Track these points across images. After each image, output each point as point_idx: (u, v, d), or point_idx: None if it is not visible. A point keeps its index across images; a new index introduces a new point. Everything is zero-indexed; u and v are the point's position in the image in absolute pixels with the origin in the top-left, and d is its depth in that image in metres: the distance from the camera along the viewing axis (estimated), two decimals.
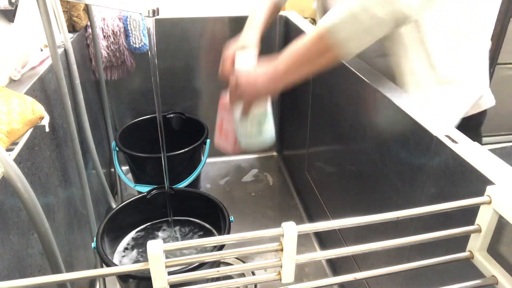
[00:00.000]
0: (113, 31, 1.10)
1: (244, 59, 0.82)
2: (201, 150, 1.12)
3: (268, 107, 0.81)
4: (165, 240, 0.85)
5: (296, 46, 0.68)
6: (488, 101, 0.82)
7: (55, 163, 0.73)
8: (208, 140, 1.11)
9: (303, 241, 1.05)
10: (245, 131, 0.82)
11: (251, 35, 0.85)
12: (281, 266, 0.31)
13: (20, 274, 0.55)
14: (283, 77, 0.70)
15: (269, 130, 0.83)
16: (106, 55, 1.12)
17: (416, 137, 0.53)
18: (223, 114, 0.90)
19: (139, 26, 1.12)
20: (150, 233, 0.87)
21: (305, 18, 1.15)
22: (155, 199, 0.86)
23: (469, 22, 0.75)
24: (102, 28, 1.09)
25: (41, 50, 0.81)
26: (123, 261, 0.80)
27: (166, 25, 1.17)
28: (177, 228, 0.88)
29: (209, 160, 1.33)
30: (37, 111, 0.53)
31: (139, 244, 0.84)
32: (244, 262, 0.94)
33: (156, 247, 0.28)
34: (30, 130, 0.53)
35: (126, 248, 0.83)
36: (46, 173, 0.68)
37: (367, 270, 0.33)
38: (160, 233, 0.87)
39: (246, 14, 1.17)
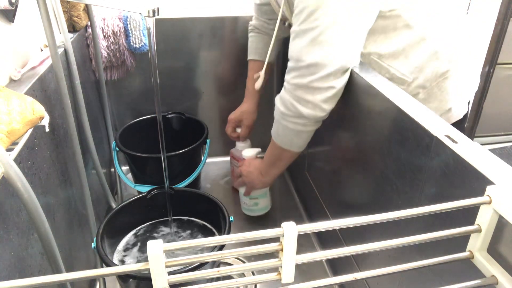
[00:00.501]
0: (113, 31, 1.10)
1: (248, 151, 1.10)
2: (201, 150, 1.12)
3: (265, 188, 1.06)
4: (165, 240, 0.85)
5: (268, 149, 0.87)
6: (456, 114, 0.81)
7: (55, 163, 0.73)
8: (208, 140, 1.11)
9: (303, 241, 1.05)
10: (245, 204, 1.09)
11: (249, 105, 1.11)
12: (281, 266, 0.31)
13: (20, 274, 0.55)
14: (267, 173, 0.92)
15: (264, 206, 1.10)
16: (106, 55, 1.12)
17: (416, 137, 0.53)
18: (233, 163, 1.19)
19: (139, 26, 1.12)
20: (150, 233, 0.87)
21: None
22: (155, 199, 0.86)
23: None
24: (102, 28, 1.09)
25: (41, 50, 0.81)
26: (124, 261, 0.80)
27: (166, 25, 1.17)
28: (177, 228, 0.88)
29: (209, 160, 1.33)
30: (37, 111, 0.53)
31: (139, 244, 0.84)
32: (244, 262, 0.94)
33: (156, 247, 0.28)
34: (30, 130, 0.53)
35: (126, 248, 0.83)
36: (46, 173, 0.68)
37: (367, 270, 0.33)
38: (160, 233, 0.87)
39: (246, 14, 1.18)
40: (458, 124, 0.82)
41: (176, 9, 1.20)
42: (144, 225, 0.88)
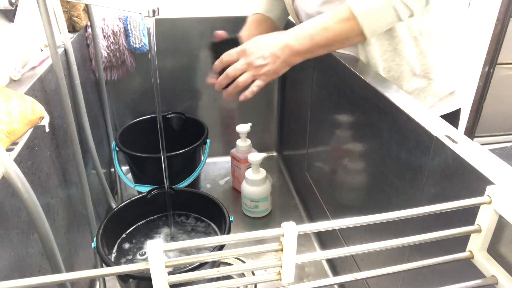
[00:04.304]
0: (113, 31, 1.10)
1: (255, 155, 1.06)
2: (201, 150, 1.12)
3: (267, 191, 1.08)
4: (165, 240, 0.85)
5: (328, 27, 0.66)
6: (459, 100, 0.84)
7: (55, 163, 0.73)
8: (208, 140, 1.11)
9: (303, 241, 1.05)
10: (246, 205, 1.11)
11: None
12: (281, 266, 0.31)
13: (20, 274, 0.55)
14: (307, 53, 0.68)
15: (264, 208, 1.11)
16: (106, 55, 1.12)
17: (416, 137, 0.53)
18: (233, 163, 1.19)
19: (139, 26, 1.12)
20: (150, 233, 0.87)
21: None
22: (155, 199, 0.86)
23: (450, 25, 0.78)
24: (102, 28, 1.09)
25: (41, 50, 0.81)
26: (123, 261, 0.80)
27: (166, 25, 1.17)
28: (177, 228, 0.88)
29: (209, 160, 1.32)
30: (37, 111, 0.53)
31: (139, 244, 0.84)
32: (244, 262, 0.94)
33: (156, 247, 0.28)
34: (30, 130, 0.53)
35: (126, 248, 0.83)
36: (46, 173, 0.68)
37: (367, 270, 0.33)
38: (160, 233, 0.87)
39: (246, 14, 1.17)
40: (453, 118, 0.85)
41: (176, 9, 1.20)
42: (144, 225, 0.88)
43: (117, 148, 1.06)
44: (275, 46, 0.65)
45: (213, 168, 1.34)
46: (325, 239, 1.02)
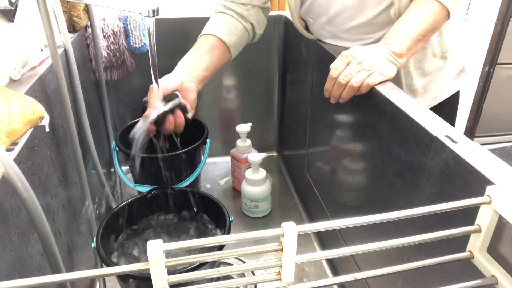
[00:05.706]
0: (113, 31, 1.10)
1: (255, 155, 1.07)
2: (201, 150, 1.12)
3: (267, 191, 1.09)
4: (165, 240, 0.85)
5: (419, 20, 0.67)
6: (465, 79, 0.88)
7: (55, 163, 0.73)
8: (208, 140, 1.11)
9: (303, 241, 1.05)
10: (246, 205, 1.11)
11: (172, 80, 0.79)
12: (281, 266, 0.31)
13: (20, 274, 0.55)
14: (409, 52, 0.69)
15: (264, 208, 1.12)
16: (106, 55, 1.12)
17: (416, 137, 0.53)
18: (233, 163, 1.20)
19: (139, 26, 1.12)
20: (150, 233, 0.87)
21: None
22: (155, 199, 0.86)
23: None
24: (102, 28, 1.09)
25: (41, 50, 0.81)
26: (123, 261, 0.80)
27: (166, 25, 1.17)
28: (177, 228, 0.88)
29: (209, 160, 1.32)
30: (37, 111, 0.53)
31: (139, 244, 0.84)
32: (244, 262, 0.94)
33: (156, 247, 0.28)
34: (30, 130, 0.53)
35: (126, 248, 0.83)
36: (46, 173, 0.68)
37: (367, 270, 0.33)
38: (160, 233, 0.87)
39: None
40: (454, 102, 0.90)
41: (176, 9, 1.20)
42: (144, 225, 0.88)
43: (117, 148, 1.06)
44: (380, 51, 0.67)
45: (213, 168, 1.34)
46: (325, 239, 1.02)
